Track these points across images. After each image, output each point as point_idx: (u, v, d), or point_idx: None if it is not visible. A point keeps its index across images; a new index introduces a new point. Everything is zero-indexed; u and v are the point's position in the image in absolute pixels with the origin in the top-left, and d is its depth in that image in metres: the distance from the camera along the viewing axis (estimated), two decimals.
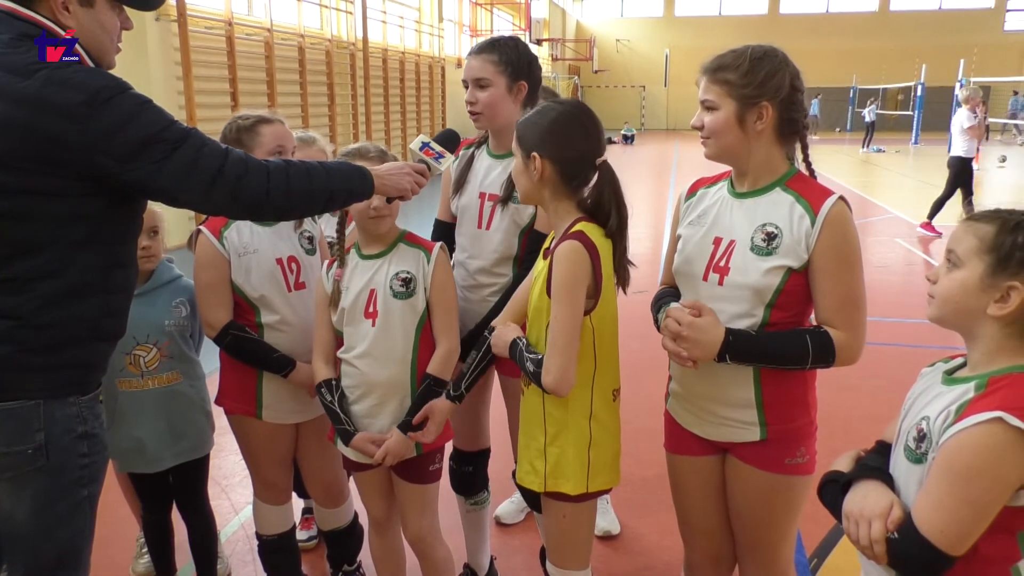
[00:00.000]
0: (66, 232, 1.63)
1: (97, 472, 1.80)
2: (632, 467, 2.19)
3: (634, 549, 3.11)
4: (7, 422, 1.65)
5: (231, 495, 3.52)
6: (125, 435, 2.43)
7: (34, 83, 1.56)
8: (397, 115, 16.93)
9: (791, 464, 1.88)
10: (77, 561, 1.81)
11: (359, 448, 2.18)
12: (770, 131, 1.83)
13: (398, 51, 17.17)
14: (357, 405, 2.20)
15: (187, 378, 2.48)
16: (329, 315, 2.23)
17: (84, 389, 1.74)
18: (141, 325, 2.36)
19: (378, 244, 2.20)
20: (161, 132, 1.66)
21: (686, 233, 1.98)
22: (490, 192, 2.38)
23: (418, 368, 2.17)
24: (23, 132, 1.56)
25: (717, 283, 1.86)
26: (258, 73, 11.26)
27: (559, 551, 2.04)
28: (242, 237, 2.32)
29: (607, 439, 1.95)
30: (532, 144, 1.89)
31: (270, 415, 2.39)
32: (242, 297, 2.31)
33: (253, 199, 1.75)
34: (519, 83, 2.33)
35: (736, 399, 1.88)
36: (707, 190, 2.00)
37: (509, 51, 2.33)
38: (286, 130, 2.39)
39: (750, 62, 1.80)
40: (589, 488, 1.93)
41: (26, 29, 1.64)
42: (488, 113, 2.34)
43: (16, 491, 1.70)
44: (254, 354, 2.33)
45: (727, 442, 1.94)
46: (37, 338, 1.64)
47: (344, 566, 2.74)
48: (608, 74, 35.88)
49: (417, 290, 2.16)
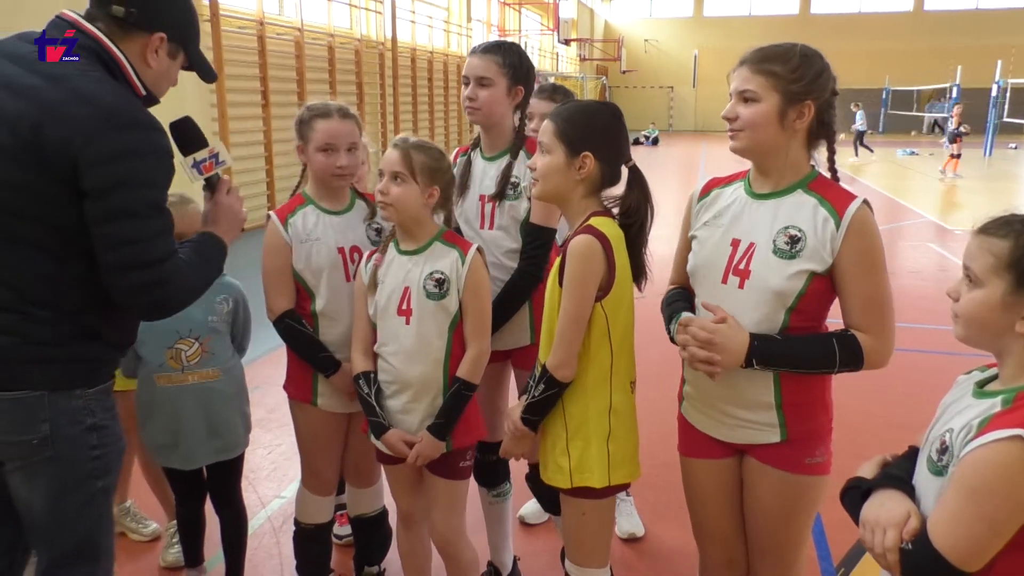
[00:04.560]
0: (65, 234, 1.65)
1: (111, 464, 1.82)
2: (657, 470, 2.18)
3: (658, 552, 3.10)
4: (13, 411, 1.68)
5: (258, 489, 3.56)
6: (161, 430, 2.47)
7: (58, 91, 1.60)
8: (425, 114, 17.00)
9: (811, 464, 1.88)
10: (96, 551, 1.83)
11: (391, 444, 2.21)
12: (804, 131, 1.81)
13: (426, 51, 17.24)
14: (392, 400, 2.23)
15: (226, 376, 2.51)
16: (367, 306, 2.25)
17: (91, 382, 1.76)
18: (184, 320, 2.38)
19: (415, 240, 2.21)
20: (142, 189, 1.66)
21: (702, 234, 1.95)
22: (488, 194, 2.45)
23: (450, 368, 2.18)
24: (33, 131, 1.58)
25: (737, 286, 1.84)
26: (288, 72, 11.37)
27: (578, 549, 2.05)
28: (307, 224, 2.36)
29: (626, 431, 1.97)
30: (583, 143, 1.90)
31: (324, 403, 2.43)
32: (301, 283, 2.36)
33: (153, 306, 1.74)
34: (517, 87, 2.44)
35: (755, 401, 1.87)
36: (722, 190, 1.98)
37: (512, 55, 2.44)
38: (339, 127, 2.33)
39: (800, 57, 1.77)
40: (611, 481, 1.95)
41: (82, 40, 1.68)
42: (486, 110, 2.42)
43: (30, 482, 1.74)
44: (303, 347, 2.38)
45: (745, 444, 1.93)
46: (38, 332, 1.67)
47: (366, 567, 2.76)
48: (636, 75, 35.72)
49: (450, 291, 2.16)
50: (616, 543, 3.11)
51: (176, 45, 1.81)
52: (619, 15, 37.56)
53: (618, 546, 3.10)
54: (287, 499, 3.45)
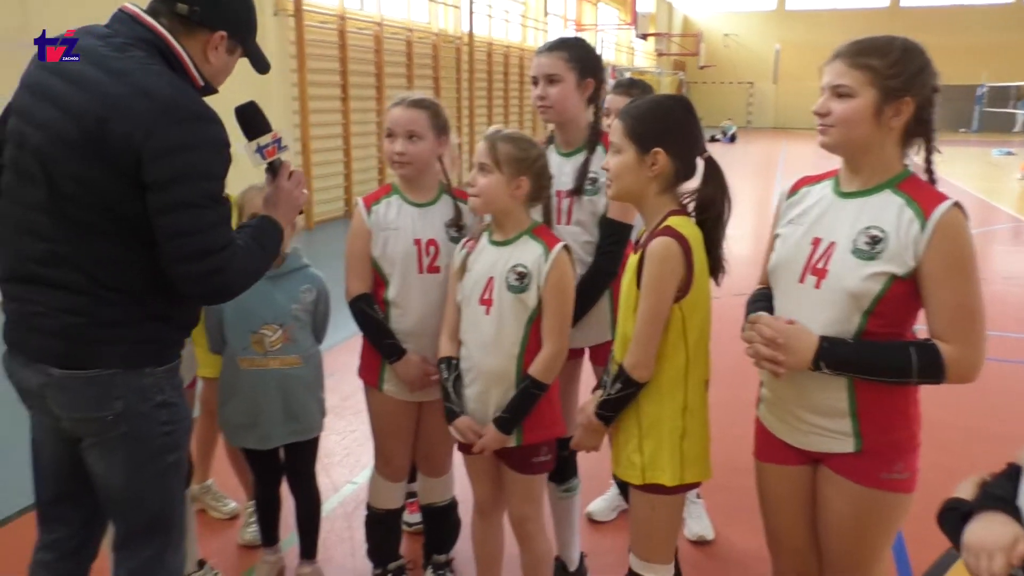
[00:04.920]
0: (130, 223, 1.70)
1: (180, 439, 1.89)
2: (729, 474, 2.14)
3: (728, 556, 3.05)
4: (87, 389, 1.75)
5: (331, 473, 3.65)
6: (240, 411, 2.55)
7: (121, 86, 1.65)
8: (500, 108, 17.06)
9: (888, 479, 1.79)
10: (169, 524, 1.91)
11: (460, 431, 2.24)
12: (900, 129, 1.73)
13: (503, 45, 17.29)
14: (468, 388, 2.25)
15: (306, 364, 2.57)
16: (457, 292, 2.27)
17: (160, 361, 1.82)
18: (269, 307, 2.48)
19: (505, 232, 2.21)
20: (202, 181, 1.70)
21: (784, 232, 1.90)
22: (566, 190, 2.44)
23: (525, 362, 2.18)
24: (98, 125, 1.64)
25: (813, 286, 1.78)
26: (367, 66, 11.58)
27: (644, 543, 2.03)
28: (388, 213, 2.42)
29: (699, 431, 1.96)
30: (654, 139, 1.88)
31: (389, 389, 2.48)
32: (376, 270, 2.42)
33: (211, 292, 1.80)
34: (587, 80, 2.43)
35: (828, 407, 1.80)
36: (810, 188, 1.91)
37: (578, 49, 2.45)
38: (401, 114, 2.36)
39: (901, 51, 1.70)
40: (684, 479, 1.94)
41: (143, 34, 1.74)
42: (558, 107, 2.43)
43: (106, 457, 1.82)
44: (371, 332, 2.44)
45: (819, 452, 1.86)
46: (109, 313, 1.73)
47: (434, 556, 2.79)
48: (714, 70, 35.02)
49: (530, 286, 2.15)
50: (685, 545, 3.07)
51: (235, 42, 1.86)
52: (698, 9, 36.90)
53: (687, 548, 3.05)
54: (359, 485, 3.52)
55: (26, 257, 1.74)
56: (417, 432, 2.60)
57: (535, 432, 2.23)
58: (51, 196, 1.69)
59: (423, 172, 2.42)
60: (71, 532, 1.96)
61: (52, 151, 1.68)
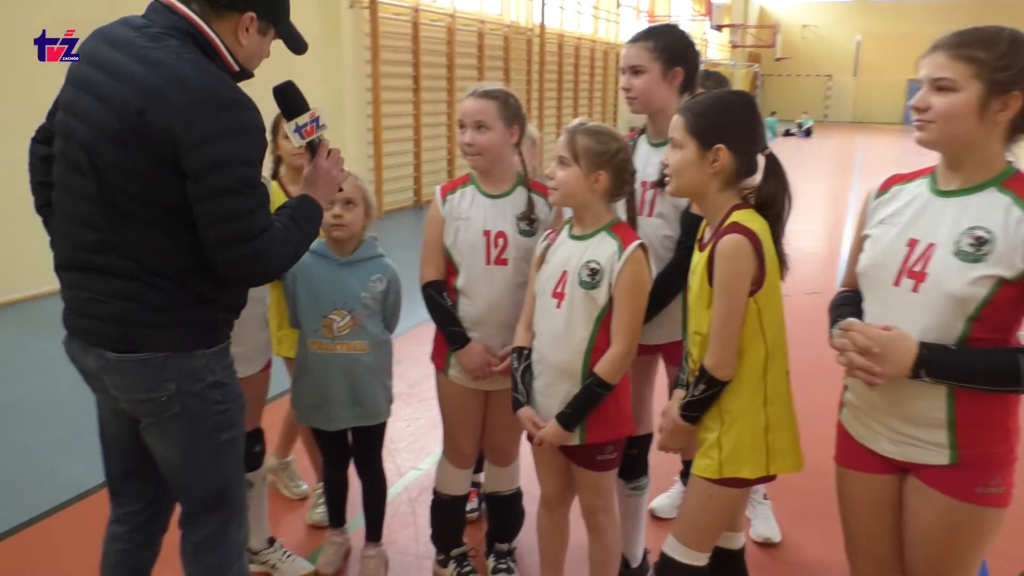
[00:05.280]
0: (172, 211, 1.73)
1: (234, 417, 1.93)
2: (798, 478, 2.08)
3: (794, 560, 2.98)
4: (141, 371, 1.80)
5: (396, 459, 3.71)
6: (309, 392, 2.62)
7: (156, 77, 1.69)
8: (570, 101, 16.99)
9: (983, 494, 1.70)
10: (230, 500, 1.97)
11: (521, 421, 2.26)
12: (1006, 124, 1.64)
13: (574, 37, 17.20)
14: (537, 380, 2.26)
15: (373, 350, 2.62)
16: (535, 283, 2.28)
17: (208, 342, 1.86)
18: (339, 292, 2.54)
19: (584, 227, 2.20)
20: (239, 168, 1.73)
21: (876, 233, 1.82)
22: (651, 181, 2.42)
23: (592, 359, 2.16)
24: (138, 117, 1.67)
25: (911, 289, 1.70)
26: (439, 58, 11.67)
27: (689, 529, 2.02)
28: (462, 203, 2.45)
29: (785, 422, 1.94)
30: (716, 135, 1.86)
31: (454, 375, 2.53)
32: (448, 258, 2.47)
33: (252, 275, 1.85)
34: (674, 69, 2.39)
35: (924, 417, 1.72)
36: (903, 187, 1.83)
37: (664, 37, 2.40)
38: (470, 105, 2.39)
39: (1010, 43, 1.60)
40: (770, 471, 1.94)
41: (176, 22, 1.77)
42: (643, 99, 2.42)
43: (164, 438, 1.88)
44: (438, 318, 2.49)
45: (909, 462, 1.79)
46: (157, 298, 1.77)
47: (496, 544, 2.81)
48: (791, 62, 34.14)
49: (602, 283, 2.13)
50: (750, 546, 3.01)
51: (266, 22, 1.87)
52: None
53: (752, 549, 3.00)
54: (423, 471, 3.58)
55: (79, 246, 1.80)
56: (485, 420, 2.63)
57: (599, 431, 2.22)
58: (99, 187, 1.73)
59: (495, 162, 2.43)
60: (141, 506, 2.05)
61: (96, 143, 1.72)
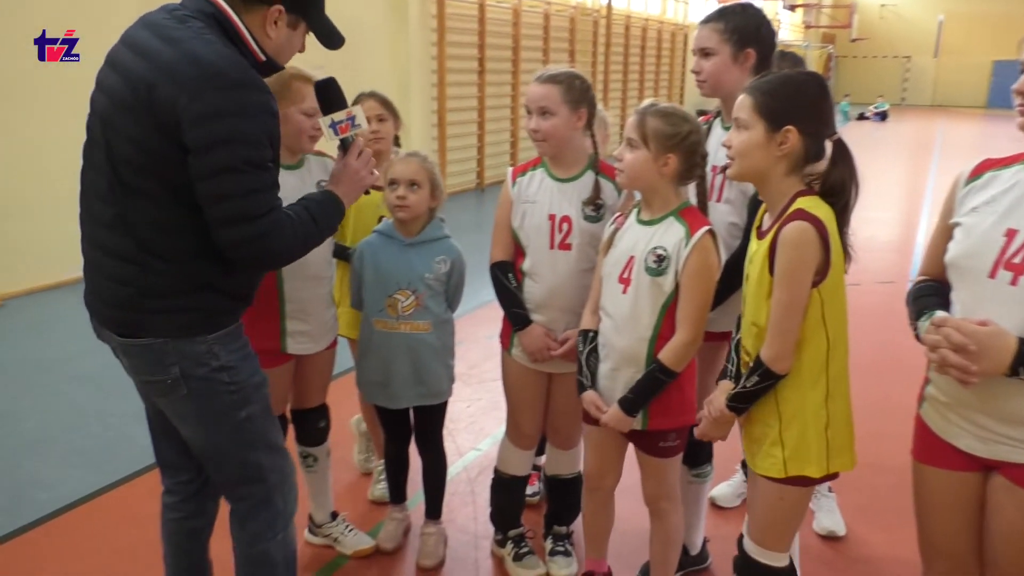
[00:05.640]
0: (176, 188, 1.73)
1: (249, 396, 1.90)
2: (863, 472, 2.03)
3: (858, 556, 2.92)
4: (144, 355, 1.82)
5: (456, 439, 3.76)
6: (373, 370, 2.67)
7: (172, 51, 1.70)
8: (635, 83, 16.76)
9: None
10: (260, 472, 1.97)
11: (585, 404, 2.26)
12: None
13: (641, 18, 16.93)
14: (602, 364, 2.25)
15: (435, 330, 2.65)
16: (602, 266, 2.27)
17: (210, 328, 1.83)
18: (404, 273, 2.57)
19: (652, 211, 2.17)
20: (242, 147, 1.70)
21: (968, 222, 1.72)
22: (721, 165, 2.34)
23: (656, 346, 2.14)
24: (149, 90, 1.68)
25: (1008, 282, 1.60)
26: (504, 40, 11.64)
27: (766, 531, 1.98)
28: (530, 186, 2.47)
29: (843, 419, 1.89)
30: (787, 116, 1.79)
31: (516, 354, 2.56)
32: (515, 239, 2.49)
33: (255, 258, 1.80)
34: (746, 51, 2.32)
35: (1019, 416, 1.63)
36: (998, 173, 1.72)
37: (735, 18, 2.33)
38: (534, 90, 2.39)
39: None
40: (830, 469, 1.88)
41: (204, 7, 1.79)
42: (712, 82, 2.36)
43: (178, 417, 1.92)
44: (501, 298, 2.52)
45: (996, 460, 1.71)
46: (155, 283, 1.77)
47: (555, 527, 2.82)
48: (867, 43, 32.88)
49: (668, 270, 2.10)
50: (814, 539, 2.98)
51: (296, 16, 1.86)
52: None
53: (815, 542, 2.96)
54: (483, 452, 3.62)
55: (95, 220, 1.83)
56: (548, 403, 2.64)
57: (662, 418, 2.20)
58: (108, 159, 1.75)
59: (561, 147, 2.42)
60: (189, 476, 2.11)
61: (111, 114, 1.75)
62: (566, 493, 2.77)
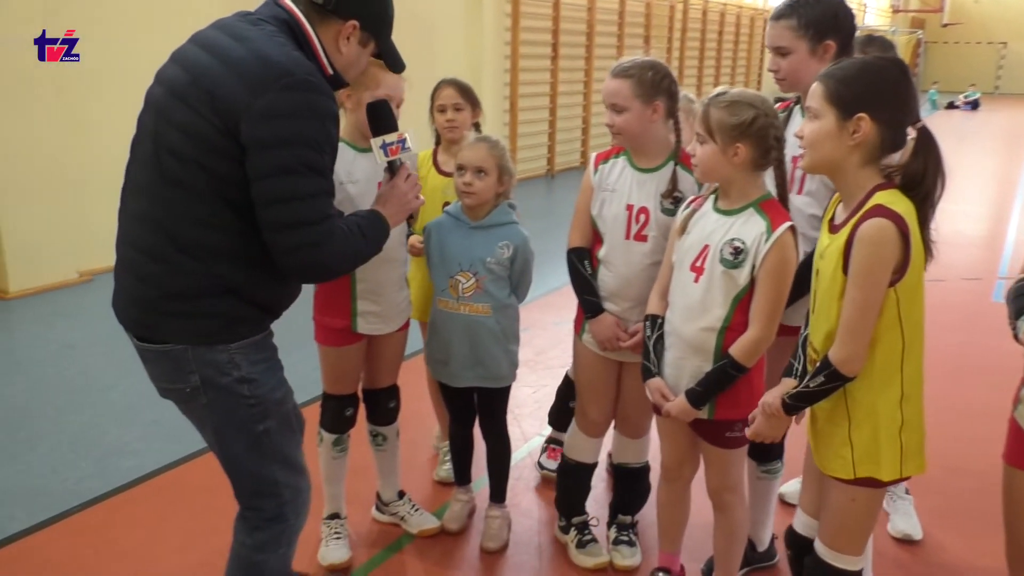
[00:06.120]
0: (218, 182, 1.69)
1: (268, 410, 1.85)
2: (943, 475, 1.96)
3: (936, 561, 2.81)
4: (164, 361, 1.80)
5: (522, 424, 3.77)
6: (436, 347, 2.71)
7: (242, 49, 1.70)
8: (711, 70, 16.41)
9: None
10: (275, 488, 1.92)
11: (650, 391, 2.24)
12: None
13: (719, 3, 16.54)
14: (668, 352, 2.23)
15: (495, 314, 2.64)
16: (674, 251, 2.22)
17: (230, 337, 1.78)
18: (466, 255, 2.60)
19: (730, 201, 2.11)
20: (303, 149, 1.68)
21: None
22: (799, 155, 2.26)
23: (726, 339, 2.10)
24: (211, 81, 1.68)
25: None
26: (579, 25, 11.53)
27: (838, 534, 1.92)
28: (611, 174, 2.46)
29: (917, 421, 1.82)
30: (859, 104, 1.70)
31: (587, 340, 2.56)
32: (594, 227, 2.48)
33: (305, 268, 1.77)
34: (825, 43, 2.22)
35: None
36: None
37: (808, 10, 2.22)
38: (608, 84, 2.36)
39: None
40: (903, 473, 1.82)
41: (278, 13, 1.80)
42: (791, 80, 2.28)
43: (200, 425, 1.91)
44: (576, 285, 2.53)
45: None
46: (177, 284, 1.73)
47: (620, 516, 2.81)
48: (960, 28, 31.36)
49: (744, 264, 2.05)
50: (889, 541, 2.88)
51: (368, 34, 1.87)
52: None
53: (890, 545, 2.86)
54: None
55: (131, 215, 1.81)
56: (618, 391, 2.62)
57: (729, 409, 2.17)
58: (154, 147, 1.72)
59: (638, 141, 2.38)
60: None
61: (165, 102, 1.72)
62: (633, 482, 2.76)
